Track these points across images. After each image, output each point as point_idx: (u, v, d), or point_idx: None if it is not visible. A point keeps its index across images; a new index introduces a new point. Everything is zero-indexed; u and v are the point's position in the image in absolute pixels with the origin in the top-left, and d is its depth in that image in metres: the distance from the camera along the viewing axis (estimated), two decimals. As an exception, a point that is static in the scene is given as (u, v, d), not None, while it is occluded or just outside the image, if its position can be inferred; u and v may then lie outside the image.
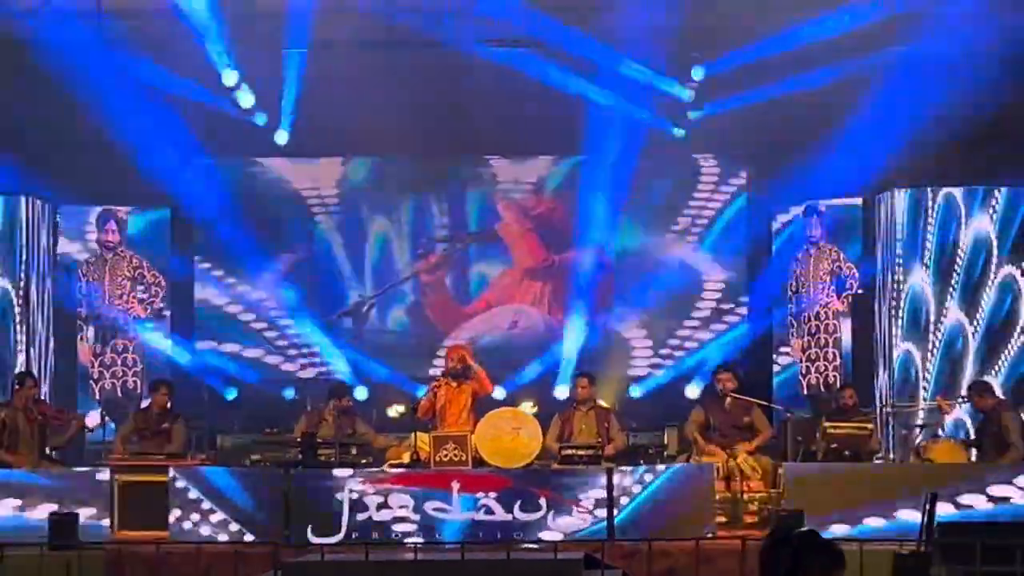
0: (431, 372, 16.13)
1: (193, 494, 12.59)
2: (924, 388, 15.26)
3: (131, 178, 16.42)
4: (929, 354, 15.33)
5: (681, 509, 12.50)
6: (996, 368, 15.27)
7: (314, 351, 17.44)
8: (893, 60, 15.08)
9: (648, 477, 12.59)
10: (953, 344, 15.36)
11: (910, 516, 12.08)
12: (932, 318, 15.37)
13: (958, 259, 15.39)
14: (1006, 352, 15.31)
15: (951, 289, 15.37)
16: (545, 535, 12.38)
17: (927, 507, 11.12)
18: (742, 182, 17.47)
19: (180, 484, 12.63)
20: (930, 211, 15.42)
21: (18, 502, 12.72)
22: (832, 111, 15.46)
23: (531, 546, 12.32)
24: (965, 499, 12.51)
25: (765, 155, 16.83)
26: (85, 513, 12.53)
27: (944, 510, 11.91)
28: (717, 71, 15.91)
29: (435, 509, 12.47)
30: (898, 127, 15.08)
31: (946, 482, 12.41)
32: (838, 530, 12.27)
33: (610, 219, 17.16)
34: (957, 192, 15.42)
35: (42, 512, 12.53)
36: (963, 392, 14.80)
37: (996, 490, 12.63)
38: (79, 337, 16.72)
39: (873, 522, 12.51)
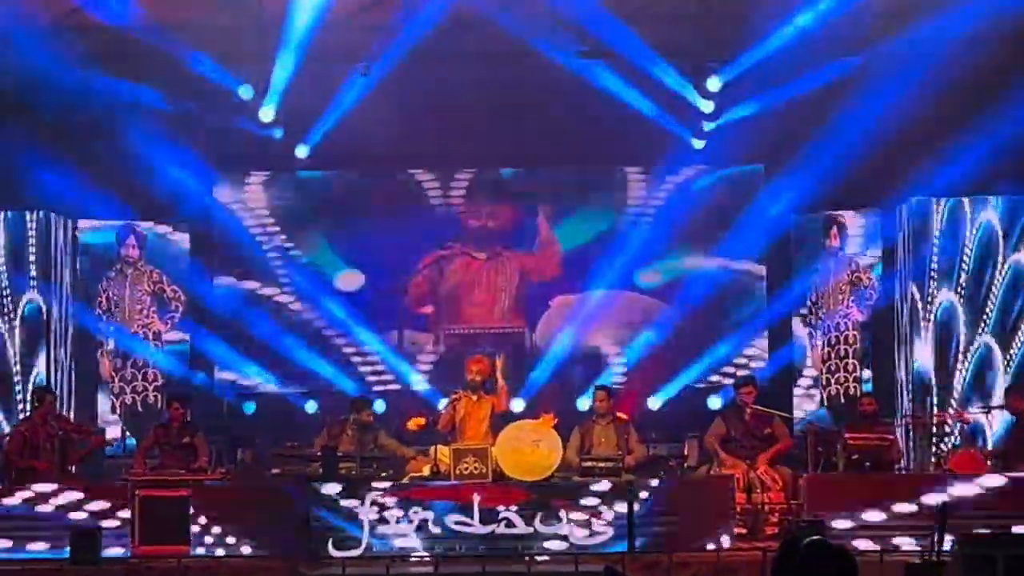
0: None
1: (213, 508, 12.61)
2: (954, 398, 15.19)
3: (151, 193, 16.51)
4: (956, 366, 15.25)
5: (700, 520, 12.49)
6: (1006, 372, 15.23)
7: (335, 364, 17.45)
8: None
9: (668, 488, 12.59)
10: (973, 354, 15.29)
11: (928, 526, 12.04)
12: (953, 329, 15.31)
13: (972, 267, 15.33)
14: (1010, 355, 15.27)
15: (971, 299, 15.31)
16: (565, 548, 12.37)
17: (940, 517, 11.10)
18: (758, 188, 17.41)
19: (200, 498, 12.66)
20: (945, 220, 15.37)
21: (39, 517, 12.74)
22: (846, 113, 15.53)
23: (551, 559, 12.31)
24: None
25: (781, 160, 16.76)
26: (106, 528, 12.56)
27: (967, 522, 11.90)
28: (732, 78, 15.92)
29: (456, 522, 12.48)
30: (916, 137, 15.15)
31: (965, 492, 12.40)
32: (857, 540, 12.25)
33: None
34: (979, 201, 15.37)
35: (63, 527, 12.56)
36: (990, 400, 14.79)
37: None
38: (99, 352, 16.77)
39: (891, 532, 12.48)
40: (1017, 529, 12.03)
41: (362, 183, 17.72)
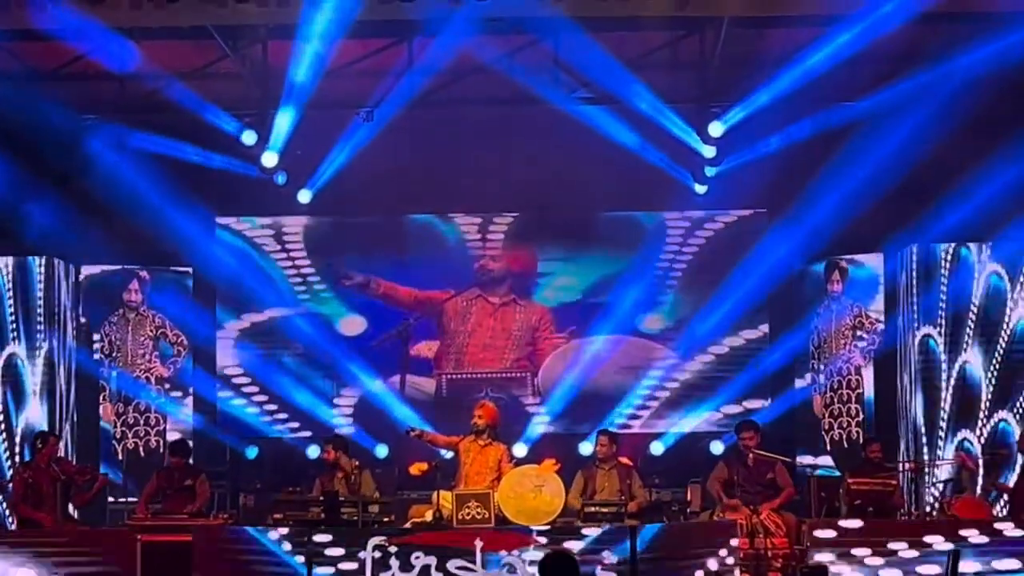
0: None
1: (216, 554, 12.57)
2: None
3: (154, 238, 16.53)
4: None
5: (703, 565, 12.45)
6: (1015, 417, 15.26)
7: (335, 408, 17.45)
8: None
9: (671, 533, 12.56)
10: (974, 397, 15.32)
11: (934, 572, 12.03)
12: (952, 372, 15.33)
13: (971, 313, 15.37)
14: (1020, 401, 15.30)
15: (969, 343, 15.34)
16: (568, 593, 12.31)
17: (950, 564, 11.07)
18: (761, 233, 17.44)
19: (203, 544, 12.62)
20: (947, 265, 15.43)
21: (42, 563, 12.69)
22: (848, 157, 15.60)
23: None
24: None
25: (784, 205, 16.78)
26: (107, 574, 12.52)
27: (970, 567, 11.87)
28: (734, 123, 15.95)
29: (459, 568, 12.41)
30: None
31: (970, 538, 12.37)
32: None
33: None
34: (975, 247, 15.43)
35: (65, 573, 12.52)
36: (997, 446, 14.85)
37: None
38: (101, 397, 16.76)
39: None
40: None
41: (364, 228, 17.75)
